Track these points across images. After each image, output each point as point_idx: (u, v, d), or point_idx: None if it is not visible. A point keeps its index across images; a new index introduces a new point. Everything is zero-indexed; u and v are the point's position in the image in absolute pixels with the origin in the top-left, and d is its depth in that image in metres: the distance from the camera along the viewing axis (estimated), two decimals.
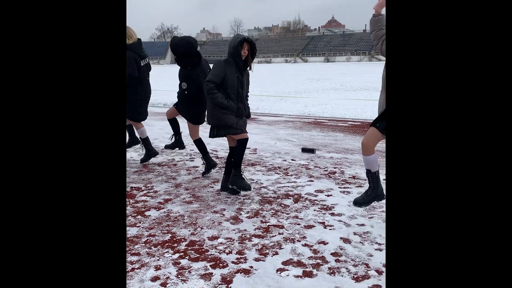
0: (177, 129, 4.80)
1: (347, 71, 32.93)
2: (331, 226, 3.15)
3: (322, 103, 12.04)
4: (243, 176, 3.85)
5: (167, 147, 5.02)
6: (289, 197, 3.82)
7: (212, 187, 4.15)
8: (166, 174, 4.67)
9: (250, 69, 3.84)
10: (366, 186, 3.69)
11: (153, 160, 5.30)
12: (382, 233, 2.99)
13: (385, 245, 2.81)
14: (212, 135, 3.81)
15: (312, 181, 4.32)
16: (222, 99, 3.61)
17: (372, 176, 3.16)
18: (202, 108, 4.36)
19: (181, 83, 4.37)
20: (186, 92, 4.34)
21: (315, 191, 3.99)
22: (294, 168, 4.84)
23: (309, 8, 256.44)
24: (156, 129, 7.73)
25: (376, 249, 2.75)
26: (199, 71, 4.30)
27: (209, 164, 4.52)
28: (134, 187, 4.19)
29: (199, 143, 4.54)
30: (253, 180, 4.39)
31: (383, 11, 2.95)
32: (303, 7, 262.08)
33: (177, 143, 4.90)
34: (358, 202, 3.22)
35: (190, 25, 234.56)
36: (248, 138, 3.85)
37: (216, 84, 3.61)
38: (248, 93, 3.98)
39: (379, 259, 2.61)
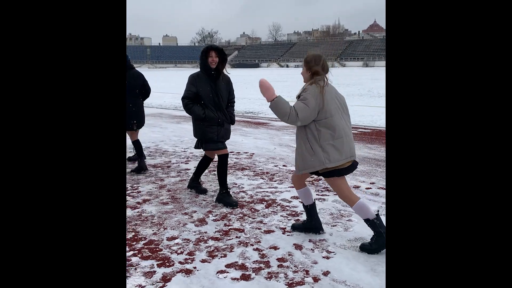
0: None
1: (381, 76, 32.18)
2: (290, 232, 3.19)
3: None
4: (229, 192, 3.90)
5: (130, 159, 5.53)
6: (263, 202, 3.88)
7: (193, 191, 4.29)
8: (156, 175, 4.86)
9: (227, 72, 3.87)
10: None
11: (150, 161, 5.52)
12: (338, 241, 2.99)
13: (334, 253, 2.82)
14: (197, 147, 3.94)
15: (293, 187, 4.35)
16: (198, 111, 3.68)
17: (305, 208, 3.14)
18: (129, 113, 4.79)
19: None
20: None
21: (291, 197, 4.02)
22: (282, 174, 4.88)
23: (351, 12, 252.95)
24: (167, 131, 8.00)
25: (323, 257, 2.76)
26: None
27: (141, 167, 4.95)
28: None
29: (136, 144, 5.05)
30: (236, 184, 4.48)
31: (276, 93, 2.72)
32: (344, 11, 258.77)
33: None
34: (293, 227, 3.24)
35: (230, 30, 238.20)
36: (227, 154, 3.89)
37: (191, 99, 3.72)
38: (234, 99, 4.00)
39: (322, 266, 2.63)
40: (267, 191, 4.22)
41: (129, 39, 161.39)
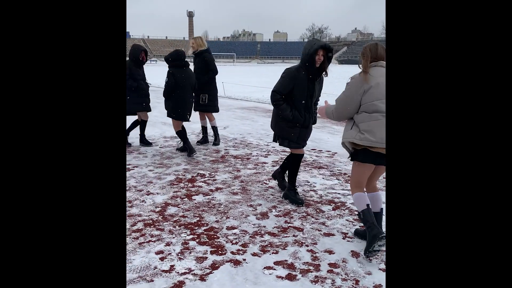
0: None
1: None
2: (351, 238, 3.02)
3: None
4: (297, 190, 3.83)
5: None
6: (331, 204, 3.74)
7: (267, 183, 4.32)
8: (235, 166, 5.02)
9: (326, 75, 3.57)
10: None
11: (232, 152, 5.72)
12: None
13: None
14: (275, 140, 3.81)
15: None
16: (286, 111, 3.50)
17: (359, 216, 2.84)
18: (181, 104, 5.31)
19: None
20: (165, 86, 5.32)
21: None
22: None
23: None
24: (257, 125, 8.18)
25: (380, 269, 2.56)
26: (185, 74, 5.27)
27: (191, 150, 5.38)
28: (200, 174, 4.65)
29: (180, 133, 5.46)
30: (308, 182, 4.39)
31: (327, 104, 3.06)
32: None
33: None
34: (356, 232, 3.07)
35: (341, 26, 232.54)
36: (302, 155, 3.79)
37: (283, 95, 3.52)
38: (319, 100, 3.82)
39: (375, 279, 2.44)
40: (339, 193, 4.05)
41: (242, 35, 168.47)
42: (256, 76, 29.48)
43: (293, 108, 3.52)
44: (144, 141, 6.10)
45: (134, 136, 6.78)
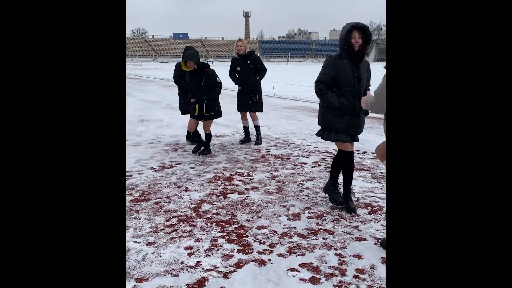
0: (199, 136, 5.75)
1: None
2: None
3: None
4: (338, 189, 3.64)
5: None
6: (368, 208, 3.61)
7: (303, 184, 4.27)
8: (274, 165, 5.01)
9: (367, 56, 3.38)
10: None
11: (273, 151, 5.73)
12: None
13: None
14: (321, 136, 3.55)
15: None
16: (332, 99, 3.28)
17: None
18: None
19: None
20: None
21: None
22: None
23: None
24: (302, 125, 8.10)
25: None
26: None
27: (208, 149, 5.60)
28: (238, 172, 4.70)
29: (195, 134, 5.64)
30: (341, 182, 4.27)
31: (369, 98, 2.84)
32: None
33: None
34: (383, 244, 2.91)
35: None
36: (351, 152, 3.46)
37: (327, 84, 3.32)
38: (369, 88, 3.54)
39: None
40: (377, 197, 3.90)
41: (298, 34, 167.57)
42: (307, 74, 29.18)
43: (341, 96, 3.32)
44: (190, 138, 6.27)
45: (181, 134, 7.01)
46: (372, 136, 6.91)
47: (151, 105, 11.79)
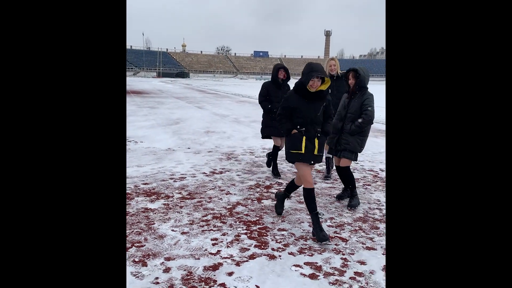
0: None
1: None
2: None
3: None
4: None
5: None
6: None
7: (334, 196, 4.52)
8: (314, 179, 5.31)
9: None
10: None
11: (317, 166, 6.01)
12: None
13: None
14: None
15: None
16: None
17: None
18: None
19: None
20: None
21: None
22: None
23: None
24: None
25: None
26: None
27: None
28: (278, 182, 5.08)
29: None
30: (379, 201, 4.43)
31: None
32: None
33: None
34: None
35: None
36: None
37: None
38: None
39: None
40: None
41: (380, 52, 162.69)
42: (382, 93, 28.44)
43: None
44: (270, 164, 5.64)
45: (238, 145, 7.56)
46: None
47: (219, 118, 12.64)
